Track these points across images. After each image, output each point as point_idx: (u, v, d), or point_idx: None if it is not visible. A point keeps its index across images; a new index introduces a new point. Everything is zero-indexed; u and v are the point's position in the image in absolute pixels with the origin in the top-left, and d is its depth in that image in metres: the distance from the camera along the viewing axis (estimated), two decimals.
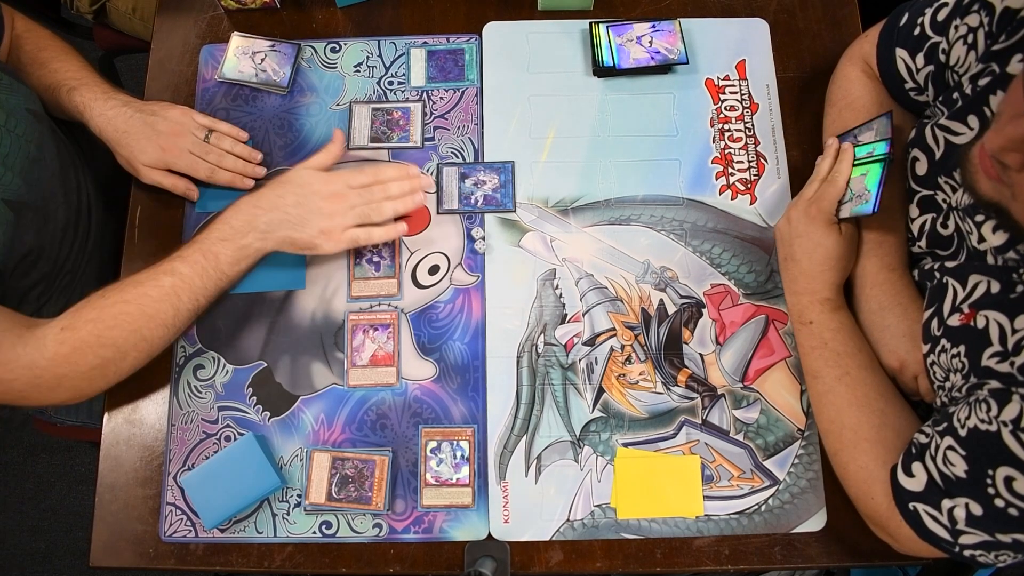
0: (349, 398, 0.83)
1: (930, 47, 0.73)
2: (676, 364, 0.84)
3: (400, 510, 0.80)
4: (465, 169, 0.91)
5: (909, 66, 0.77)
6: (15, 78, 0.80)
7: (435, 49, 0.96)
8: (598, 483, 0.80)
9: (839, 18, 0.96)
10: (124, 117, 0.85)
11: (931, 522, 0.64)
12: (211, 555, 0.79)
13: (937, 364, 0.68)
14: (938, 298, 0.69)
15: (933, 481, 0.63)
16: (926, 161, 0.73)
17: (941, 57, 0.72)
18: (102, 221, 0.95)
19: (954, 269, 0.68)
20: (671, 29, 0.93)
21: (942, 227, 0.72)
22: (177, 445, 0.82)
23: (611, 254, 0.88)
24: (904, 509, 0.66)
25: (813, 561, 0.78)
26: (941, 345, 0.67)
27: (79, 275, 0.91)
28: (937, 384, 0.69)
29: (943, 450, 0.63)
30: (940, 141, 0.71)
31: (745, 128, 0.92)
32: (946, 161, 0.71)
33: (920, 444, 0.66)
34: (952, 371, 0.66)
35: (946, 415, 0.65)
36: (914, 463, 0.65)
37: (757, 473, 0.80)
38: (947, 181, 0.71)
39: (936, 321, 0.68)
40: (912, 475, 0.65)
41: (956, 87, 0.70)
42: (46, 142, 0.82)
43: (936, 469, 0.63)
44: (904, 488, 0.66)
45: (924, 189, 0.74)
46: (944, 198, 0.72)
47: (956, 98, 0.70)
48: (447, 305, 0.86)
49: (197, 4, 0.98)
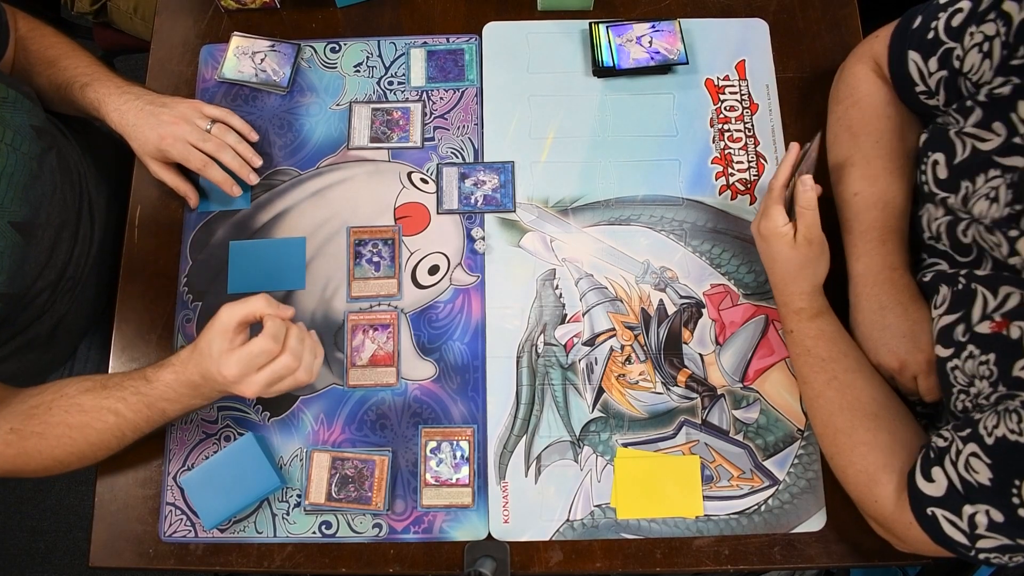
0: (349, 398, 0.83)
1: (944, 52, 0.72)
2: (676, 364, 0.84)
3: (400, 510, 0.80)
4: (465, 169, 0.91)
5: (921, 69, 0.76)
6: (20, 92, 0.80)
7: (435, 49, 0.96)
8: (598, 483, 0.80)
9: (839, 18, 0.96)
10: (135, 110, 0.85)
11: (949, 527, 0.63)
12: (211, 555, 0.79)
13: (960, 369, 0.67)
14: (964, 304, 0.68)
15: (954, 487, 0.62)
16: (945, 164, 0.72)
17: (955, 63, 0.71)
18: (104, 221, 0.95)
19: (984, 278, 0.67)
20: (671, 29, 0.93)
21: (962, 235, 0.71)
22: (177, 445, 0.82)
23: (611, 254, 0.88)
24: (921, 513, 0.65)
25: (813, 561, 0.78)
26: (968, 351, 0.66)
27: (82, 278, 0.91)
28: (958, 389, 0.68)
29: (966, 456, 0.62)
30: (967, 146, 0.69)
31: (745, 128, 0.92)
32: (970, 165, 0.69)
33: (939, 448, 0.65)
34: (978, 378, 0.65)
35: (970, 421, 0.64)
36: (933, 468, 0.64)
37: (757, 473, 0.80)
38: (967, 186, 0.69)
39: (962, 327, 0.67)
40: (932, 480, 0.64)
41: (970, 96, 0.69)
42: (48, 154, 0.82)
43: (957, 475, 0.62)
44: (923, 493, 0.65)
45: (943, 192, 0.73)
46: (954, 203, 0.71)
47: (971, 106, 0.69)
48: (447, 305, 0.86)
49: (197, 4, 0.98)
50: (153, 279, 0.88)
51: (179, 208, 0.91)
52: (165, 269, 0.88)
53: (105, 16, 1.32)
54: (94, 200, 0.93)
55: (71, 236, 0.87)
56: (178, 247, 0.89)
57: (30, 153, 0.79)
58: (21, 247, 0.76)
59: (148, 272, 0.88)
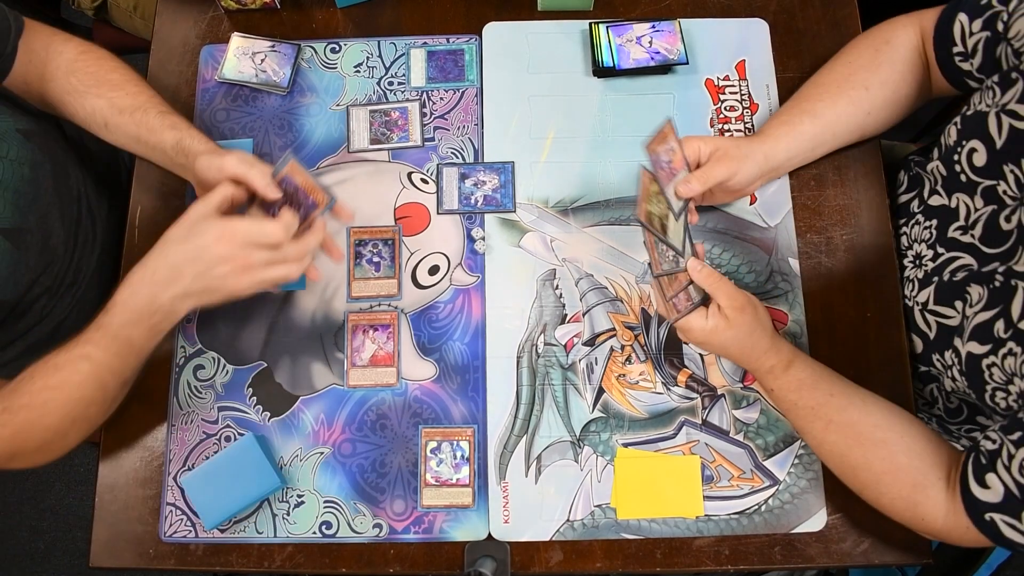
0: (349, 398, 0.83)
1: (991, 15, 0.72)
2: (676, 364, 0.84)
3: (400, 510, 0.80)
4: (465, 169, 0.91)
5: (964, 29, 0.75)
6: (4, 100, 0.79)
7: (435, 49, 0.96)
8: (598, 483, 0.80)
9: (839, 18, 0.96)
10: None
11: (1009, 531, 0.63)
12: (211, 555, 0.79)
13: (998, 366, 0.67)
14: (1003, 300, 0.67)
15: (1010, 492, 0.62)
16: (985, 150, 0.71)
17: (999, 26, 0.71)
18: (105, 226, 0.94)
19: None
20: (671, 29, 0.93)
21: (1005, 220, 0.70)
22: (177, 445, 0.82)
23: (611, 254, 0.88)
24: (979, 520, 0.65)
25: (813, 561, 0.78)
26: (1008, 348, 0.65)
27: (82, 282, 0.91)
28: (993, 386, 0.68)
29: (1019, 460, 0.61)
30: (1004, 127, 0.68)
31: (745, 128, 0.92)
32: (1011, 148, 0.68)
33: (989, 451, 0.65)
34: (1020, 376, 0.64)
35: (1018, 422, 0.63)
36: (987, 474, 0.64)
37: (757, 473, 0.80)
38: (1013, 170, 0.68)
39: (1002, 322, 0.67)
40: (987, 486, 0.64)
41: (1014, 68, 0.69)
42: (40, 159, 0.82)
43: (1012, 479, 0.62)
44: (978, 499, 0.65)
45: (986, 179, 0.71)
46: (1006, 189, 0.69)
47: (1015, 78, 0.68)
48: (447, 305, 0.86)
49: (197, 4, 0.98)
50: None
51: (179, 208, 0.90)
52: None
53: (105, 13, 1.32)
54: (94, 206, 0.92)
55: (70, 241, 0.87)
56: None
57: (19, 159, 0.78)
58: (10, 253, 0.76)
59: None
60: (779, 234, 0.88)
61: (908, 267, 0.84)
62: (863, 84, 0.82)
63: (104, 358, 0.71)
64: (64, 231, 0.86)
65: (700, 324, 0.74)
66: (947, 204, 0.78)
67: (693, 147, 0.79)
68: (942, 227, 0.78)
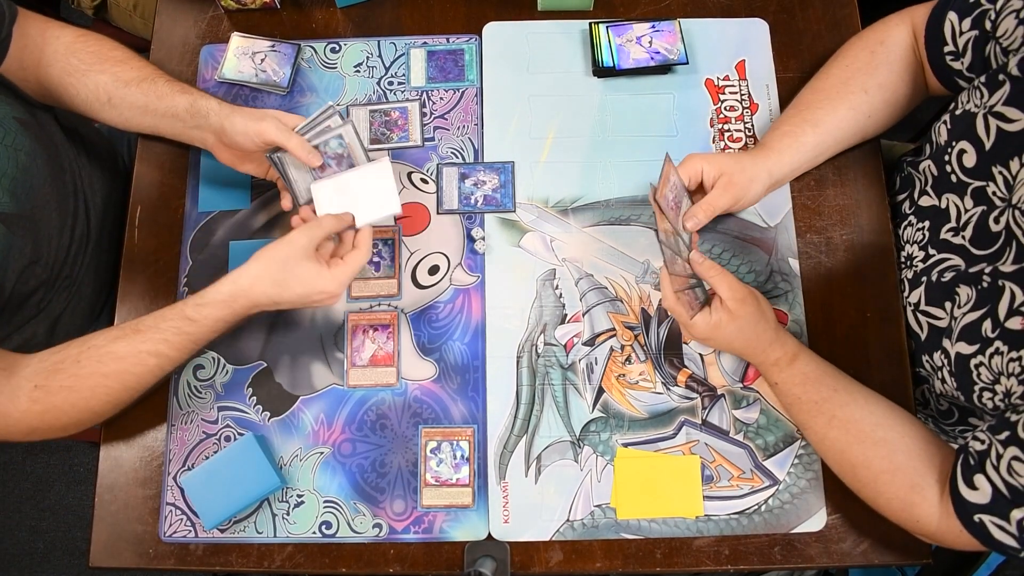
0: (349, 398, 0.83)
1: (979, 13, 0.72)
2: (676, 364, 0.84)
3: (400, 510, 0.80)
4: (465, 169, 0.91)
5: (955, 28, 0.75)
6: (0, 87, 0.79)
7: (435, 49, 0.96)
8: (598, 483, 0.81)
9: (839, 18, 0.96)
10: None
11: (998, 532, 0.63)
12: (211, 555, 0.79)
13: (985, 366, 0.67)
14: (991, 300, 0.67)
15: (999, 492, 0.62)
16: (974, 152, 0.71)
17: (987, 24, 0.71)
18: (100, 219, 0.94)
19: (1012, 274, 0.66)
20: (671, 29, 0.93)
21: (994, 222, 0.70)
22: (177, 445, 0.82)
23: (611, 254, 0.88)
24: (968, 521, 0.65)
25: (813, 561, 0.78)
26: (995, 347, 0.66)
27: (78, 277, 0.91)
28: (981, 386, 0.68)
29: (1007, 460, 0.61)
30: (992, 130, 0.69)
31: (745, 128, 0.92)
32: (999, 151, 0.69)
33: (978, 452, 0.65)
34: (1006, 375, 0.64)
35: (1006, 423, 0.63)
36: (976, 475, 0.64)
37: (757, 473, 0.81)
38: (1001, 172, 0.69)
39: (989, 322, 0.67)
40: (975, 487, 0.64)
41: (1001, 69, 0.69)
42: (36, 148, 0.82)
43: (1001, 480, 0.62)
44: (967, 501, 0.65)
45: (976, 180, 0.72)
46: (995, 191, 0.70)
47: (1003, 79, 0.68)
48: (447, 305, 0.86)
49: (197, 4, 0.98)
50: (153, 279, 0.88)
51: (179, 208, 0.91)
52: (165, 269, 0.88)
53: (105, 13, 1.32)
54: (89, 198, 0.92)
55: (66, 234, 0.87)
56: (178, 247, 0.89)
57: (15, 146, 0.78)
58: (5, 237, 0.76)
59: (148, 272, 0.88)
60: (779, 234, 0.88)
61: (901, 268, 0.85)
62: (862, 87, 0.82)
63: (176, 357, 0.75)
64: (60, 223, 0.86)
65: (704, 319, 0.75)
66: (937, 205, 0.78)
67: (696, 167, 0.80)
68: (934, 229, 0.78)
